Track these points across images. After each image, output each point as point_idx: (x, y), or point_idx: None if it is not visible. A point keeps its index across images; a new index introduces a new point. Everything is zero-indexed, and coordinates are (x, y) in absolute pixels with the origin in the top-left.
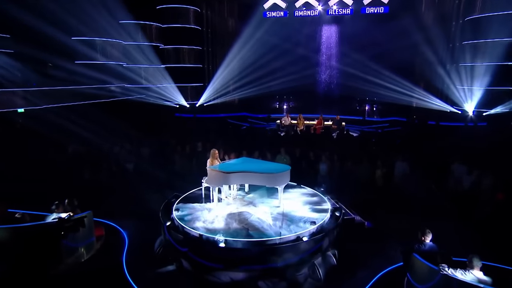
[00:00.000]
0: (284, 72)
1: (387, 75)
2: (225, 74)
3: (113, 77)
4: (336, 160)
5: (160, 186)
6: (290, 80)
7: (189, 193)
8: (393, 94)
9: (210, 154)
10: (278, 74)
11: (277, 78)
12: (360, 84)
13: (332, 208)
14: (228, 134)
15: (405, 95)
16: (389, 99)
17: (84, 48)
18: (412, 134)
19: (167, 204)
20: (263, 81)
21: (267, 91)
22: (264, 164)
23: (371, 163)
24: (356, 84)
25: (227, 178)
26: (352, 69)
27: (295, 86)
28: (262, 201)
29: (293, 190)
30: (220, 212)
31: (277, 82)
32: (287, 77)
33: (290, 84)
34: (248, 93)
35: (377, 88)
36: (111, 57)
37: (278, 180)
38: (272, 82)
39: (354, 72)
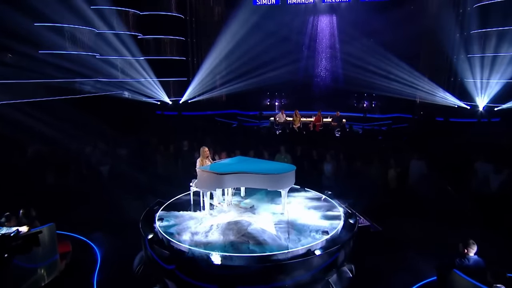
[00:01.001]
0: (276, 65)
1: (389, 68)
2: (211, 68)
3: (85, 69)
4: (342, 159)
5: (140, 192)
6: (283, 73)
7: (175, 199)
8: (396, 88)
9: (200, 153)
10: (269, 68)
11: (268, 71)
12: (359, 78)
13: (344, 214)
14: (217, 133)
15: (409, 90)
16: (391, 93)
17: (50, 36)
18: (420, 131)
19: (149, 213)
20: (253, 75)
21: (257, 86)
22: (264, 163)
23: (382, 162)
24: (355, 78)
25: (221, 181)
26: (350, 62)
27: (288, 81)
28: (262, 208)
29: (297, 194)
30: (212, 221)
31: (269, 76)
32: (279, 71)
33: (282, 78)
34: (237, 89)
35: (377, 83)
36: (82, 47)
37: (282, 182)
38: (263, 76)
39: (352, 66)
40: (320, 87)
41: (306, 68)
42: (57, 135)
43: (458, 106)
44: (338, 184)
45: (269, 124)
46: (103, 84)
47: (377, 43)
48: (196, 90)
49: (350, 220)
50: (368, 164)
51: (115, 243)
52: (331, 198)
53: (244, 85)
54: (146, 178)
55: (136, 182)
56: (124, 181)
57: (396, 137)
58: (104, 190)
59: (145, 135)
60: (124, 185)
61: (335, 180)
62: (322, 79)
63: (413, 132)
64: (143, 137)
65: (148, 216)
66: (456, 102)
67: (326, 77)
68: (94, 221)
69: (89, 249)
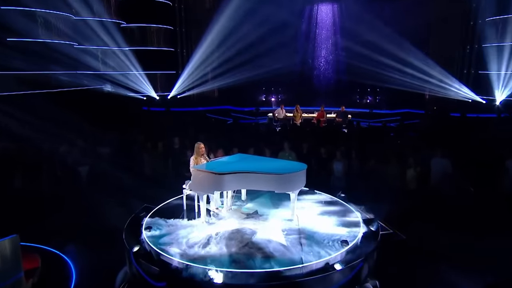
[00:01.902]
0: (272, 57)
1: (396, 59)
2: (202, 60)
3: (61, 60)
4: (354, 157)
5: (124, 196)
6: (280, 66)
7: (165, 205)
8: (404, 80)
9: (194, 150)
10: (265, 60)
11: (264, 64)
12: (364, 71)
13: (363, 220)
14: (210, 129)
15: (418, 82)
16: (398, 85)
17: (21, 21)
18: (434, 127)
19: (134, 221)
20: (248, 67)
21: (252, 80)
22: (269, 162)
23: (399, 161)
24: (359, 71)
25: (219, 182)
26: (354, 53)
27: (286, 74)
28: (267, 213)
29: (306, 196)
30: (210, 230)
31: (265, 68)
32: (277, 63)
33: (279, 71)
34: (230, 83)
35: (384, 74)
36: (57, 35)
37: (291, 183)
38: (259, 69)
39: (357, 57)
40: (321, 81)
41: (306, 60)
42: (29, 132)
43: (473, 101)
44: (351, 185)
45: (267, 120)
46: (82, 77)
47: (383, 32)
48: (186, 84)
49: (371, 226)
50: (383, 162)
51: (94, 257)
52: (345, 201)
53: (238, 78)
54: (131, 180)
55: (119, 185)
56: (106, 184)
57: (409, 134)
58: (82, 194)
59: (130, 132)
60: (106, 188)
61: (347, 180)
62: (323, 72)
63: (428, 128)
64: (128, 134)
65: (134, 225)
66: (471, 96)
67: (327, 70)
68: (68, 231)
69: (62, 264)
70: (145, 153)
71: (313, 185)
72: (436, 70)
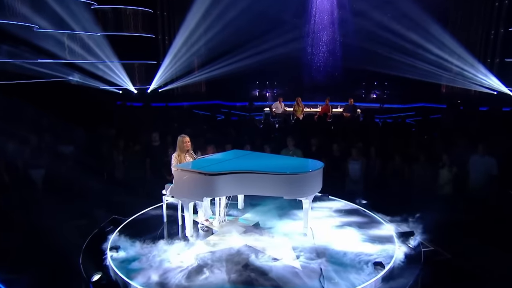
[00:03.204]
0: (267, 45)
1: (407, 47)
2: (187, 48)
3: (18, 46)
4: (373, 156)
5: (86, 205)
6: (275, 55)
7: (139, 216)
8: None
9: (177, 145)
10: (259, 47)
11: (257, 53)
12: (369, 61)
13: (398, 234)
14: (198, 125)
15: (434, 70)
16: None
17: None
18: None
19: (97, 238)
20: (239, 57)
21: (245, 71)
22: (275, 159)
23: (430, 160)
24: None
25: (211, 185)
26: (359, 38)
27: (281, 64)
28: (272, 226)
29: (320, 204)
30: (197, 249)
31: (258, 58)
32: (271, 51)
33: (275, 61)
34: (219, 74)
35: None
36: (12, 15)
37: (305, 186)
38: (251, 59)
39: (363, 42)
40: (322, 72)
41: (304, 47)
42: None
43: (499, 92)
44: (371, 190)
45: (264, 116)
46: (44, 67)
47: (391, 16)
48: (168, 76)
49: (409, 242)
50: (410, 161)
51: None
52: (368, 209)
53: (229, 69)
54: (97, 185)
55: (82, 192)
56: (65, 190)
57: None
58: (33, 203)
59: (100, 128)
60: (64, 196)
61: (366, 183)
62: (324, 62)
63: (455, 123)
64: (98, 131)
65: (95, 244)
66: (497, 87)
67: (329, 59)
68: (9, 254)
69: None
70: (116, 152)
71: (326, 189)
72: (456, 57)
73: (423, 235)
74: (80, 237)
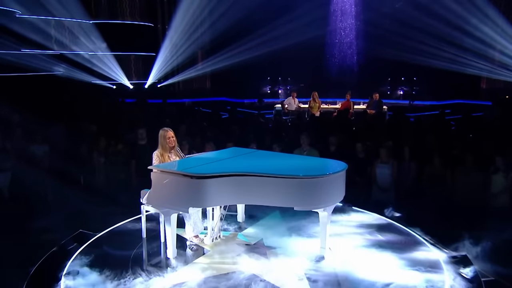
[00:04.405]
0: (278, 33)
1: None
2: (189, 37)
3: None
4: (406, 158)
5: (52, 217)
6: (288, 47)
7: (112, 229)
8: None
9: (159, 141)
10: (269, 36)
11: (268, 43)
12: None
13: (447, 258)
14: (197, 123)
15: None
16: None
17: None
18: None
19: (53, 259)
20: (247, 46)
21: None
22: (284, 158)
23: (479, 164)
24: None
25: (199, 192)
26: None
27: (295, 55)
28: (280, 244)
29: (339, 216)
30: (184, 275)
31: (269, 48)
32: (283, 42)
33: (287, 52)
34: (225, 67)
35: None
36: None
37: (323, 194)
38: (262, 49)
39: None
40: (342, 65)
41: (321, 43)
42: None
43: None
44: (406, 200)
45: (275, 113)
46: (27, 58)
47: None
48: (168, 69)
49: (463, 271)
50: (453, 165)
51: None
52: (403, 224)
53: (236, 61)
54: (70, 191)
55: (49, 200)
56: (29, 199)
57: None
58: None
59: (81, 123)
60: (27, 205)
61: (399, 192)
62: (344, 54)
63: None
64: (77, 127)
65: (49, 267)
66: None
67: (349, 50)
68: None
69: None
70: (97, 153)
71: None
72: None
73: (479, 261)
74: (32, 258)
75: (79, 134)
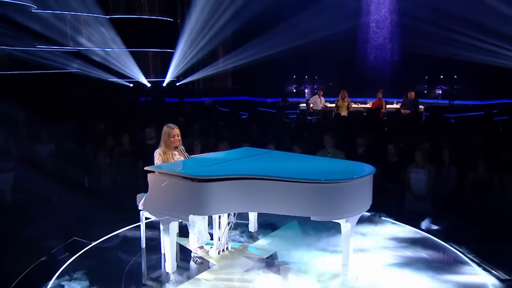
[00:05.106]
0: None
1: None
2: (209, 32)
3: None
4: (446, 162)
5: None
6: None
7: (108, 238)
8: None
9: (162, 139)
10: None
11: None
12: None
13: (499, 283)
14: (213, 122)
15: None
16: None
17: None
18: None
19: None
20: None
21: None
22: (301, 160)
23: None
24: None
25: (201, 197)
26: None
27: (324, 53)
28: (296, 260)
29: (367, 228)
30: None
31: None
32: (311, 36)
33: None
34: (247, 64)
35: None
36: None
37: (346, 202)
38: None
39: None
40: (375, 62)
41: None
42: None
43: None
44: (446, 210)
45: (298, 112)
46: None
47: None
48: (188, 66)
49: None
50: (502, 171)
51: None
52: (443, 240)
53: (258, 58)
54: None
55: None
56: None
57: None
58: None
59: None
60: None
61: (438, 200)
62: (376, 49)
63: None
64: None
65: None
66: None
67: (382, 47)
68: None
69: None
70: (103, 153)
71: (377, 208)
72: None
73: None
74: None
75: (85, 133)
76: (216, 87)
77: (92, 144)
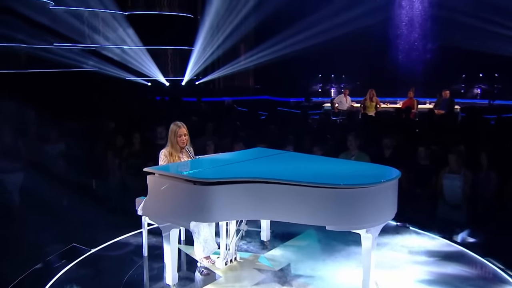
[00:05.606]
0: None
1: None
2: (231, 29)
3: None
4: (484, 167)
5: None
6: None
7: (110, 244)
8: None
9: (168, 138)
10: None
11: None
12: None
13: None
14: (230, 122)
15: None
16: None
17: None
18: None
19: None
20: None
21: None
22: (319, 162)
23: None
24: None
25: (205, 202)
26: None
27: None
28: (313, 273)
29: (392, 239)
30: None
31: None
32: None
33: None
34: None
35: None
36: None
37: (367, 210)
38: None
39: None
40: (406, 59)
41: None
42: None
43: None
44: (484, 220)
45: (323, 112)
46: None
47: None
48: (207, 64)
49: None
50: None
51: None
52: (481, 255)
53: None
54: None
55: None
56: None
57: None
58: None
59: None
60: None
61: (475, 210)
62: (408, 46)
63: None
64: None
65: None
66: None
67: (414, 43)
68: None
69: None
70: (112, 154)
71: (404, 216)
72: None
73: None
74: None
75: (95, 133)
76: (237, 86)
77: (101, 144)
